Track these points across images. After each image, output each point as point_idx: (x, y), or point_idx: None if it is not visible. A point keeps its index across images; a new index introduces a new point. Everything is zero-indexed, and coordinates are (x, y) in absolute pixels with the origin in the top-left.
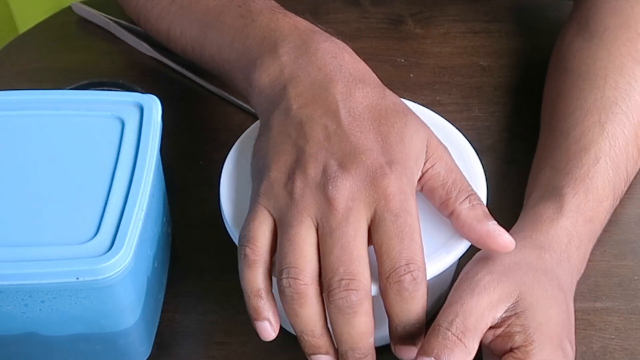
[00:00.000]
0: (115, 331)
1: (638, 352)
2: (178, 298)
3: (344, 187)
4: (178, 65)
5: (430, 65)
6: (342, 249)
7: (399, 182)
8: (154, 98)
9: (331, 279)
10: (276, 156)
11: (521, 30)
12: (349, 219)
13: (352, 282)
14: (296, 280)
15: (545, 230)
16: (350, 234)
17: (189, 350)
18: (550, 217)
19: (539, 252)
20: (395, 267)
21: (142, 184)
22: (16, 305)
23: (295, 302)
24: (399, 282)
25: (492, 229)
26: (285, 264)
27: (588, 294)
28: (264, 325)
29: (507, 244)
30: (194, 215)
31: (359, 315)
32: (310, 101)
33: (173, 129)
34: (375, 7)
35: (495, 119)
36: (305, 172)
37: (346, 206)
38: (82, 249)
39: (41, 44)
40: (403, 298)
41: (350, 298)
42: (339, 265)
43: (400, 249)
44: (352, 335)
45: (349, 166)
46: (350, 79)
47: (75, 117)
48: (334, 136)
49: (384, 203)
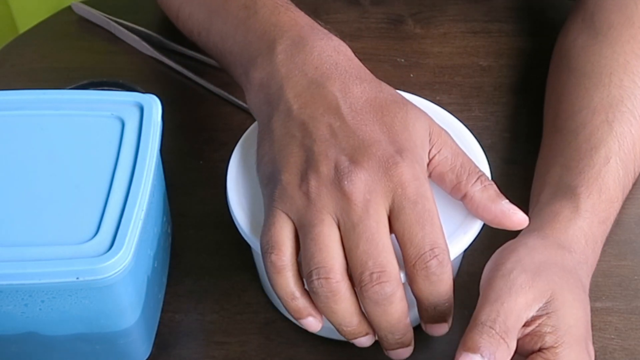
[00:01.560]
0: (115, 331)
1: (638, 352)
2: (178, 298)
3: (359, 181)
4: (178, 65)
5: (430, 65)
6: (368, 242)
7: (412, 169)
8: (154, 98)
9: (362, 274)
10: (285, 159)
11: (521, 30)
12: (369, 211)
13: (383, 274)
14: (328, 280)
15: (564, 229)
16: (373, 225)
17: (189, 350)
18: (567, 216)
19: (562, 252)
20: (421, 253)
21: (142, 184)
22: (16, 305)
23: (330, 300)
24: (426, 267)
25: (506, 208)
26: (313, 265)
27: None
28: (308, 321)
29: (522, 221)
30: (194, 215)
31: (394, 304)
32: (309, 101)
33: (173, 129)
34: (375, 7)
35: (495, 119)
36: (317, 170)
37: (364, 199)
38: (82, 249)
39: (41, 44)
40: (432, 282)
41: (384, 290)
42: (367, 258)
43: (423, 234)
44: (390, 322)
45: (361, 159)
46: (347, 75)
47: (75, 117)
48: (339, 132)
49: (400, 191)
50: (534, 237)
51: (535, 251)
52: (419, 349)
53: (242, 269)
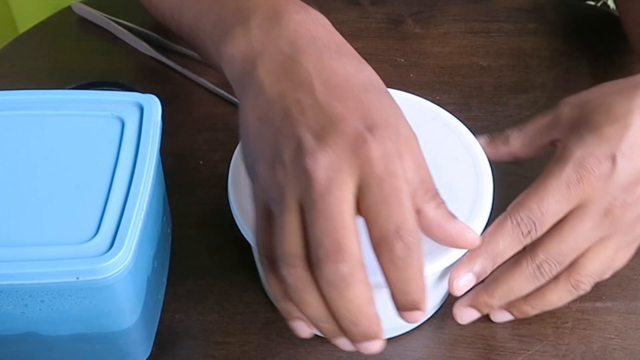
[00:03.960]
0: (115, 331)
1: (638, 351)
2: (178, 298)
3: (323, 159)
4: (178, 65)
5: (430, 65)
6: (326, 219)
7: (382, 146)
8: (154, 98)
9: (317, 252)
10: (257, 148)
11: (521, 30)
12: (330, 189)
13: (340, 252)
14: (295, 268)
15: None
16: (334, 202)
17: (189, 350)
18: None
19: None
20: (384, 234)
21: (142, 184)
22: (16, 305)
23: (299, 290)
24: (390, 250)
25: (460, 227)
26: (279, 253)
27: (588, 294)
28: (297, 325)
29: (474, 240)
30: (194, 215)
31: (353, 287)
32: (281, 77)
33: (173, 129)
34: (375, 7)
35: (495, 119)
36: (284, 154)
37: (327, 176)
38: (82, 249)
39: (41, 44)
40: (397, 267)
41: (339, 270)
42: (323, 236)
43: (388, 214)
44: (349, 308)
45: (327, 137)
46: (324, 50)
47: (75, 117)
48: (309, 109)
49: (368, 169)
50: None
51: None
52: (418, 349)
53: (242, 269)
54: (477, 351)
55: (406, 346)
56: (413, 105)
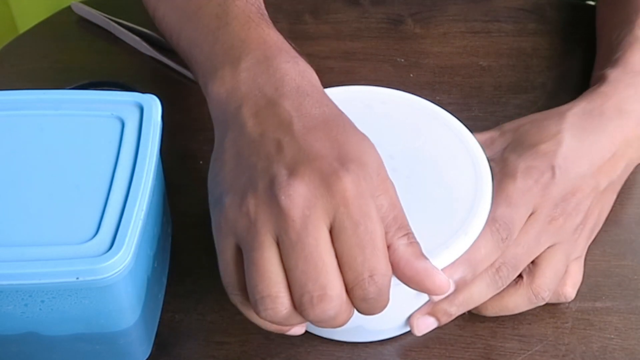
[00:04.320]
0: (115, 331)
1: (638, 352)
2: (178, 298)
3: (297, 195)
4: (178, 65)
5: (430, 65)
6: (306, 261)
7: (357, 185)
8: (154, 98)
9: (302, 296)
10: (230, 180)
11: (521, 30)
12: (307, 228)
13: (324, 297)
14: (275, 310)
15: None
16: (312, 244)
17: (189, 350)
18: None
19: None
20: (359, 279)
21: (142, 184)
22: (16, 305)
23: (284, 327)
24: (363, 293)
25: (430, 267)
26: (257, 294)
27: (588, 294)
28: (292, 332)
29: (443, 284)
30: (194, 215)
31: (339, 320)
32: (263, 119)
33: (173, 129)
34: (375, 7)
35: (495, 119)
36: (256, 188)
37: (303, 215)
38: (82, 249)
39: (41, 44)
40: (369, 305)
41: (326, 314)
42: (307, 280)
43: (363, 259)
44: (336, 327)
45: (301, 172)
46: (307, 98)
47: (75, 117)
48: (287, 147)
49: (343, 209)
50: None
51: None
52: (418, 349)
53: None
54: (477, 351)
55: (406, 346)
56: (413, 105)
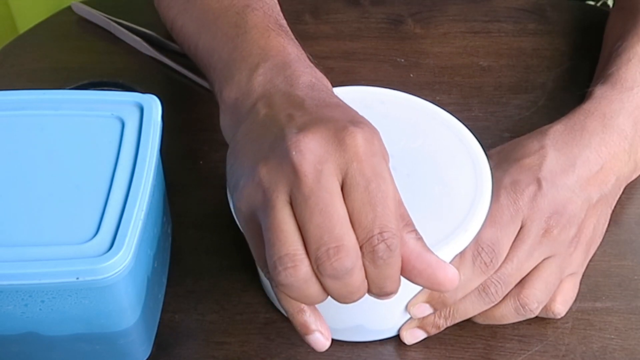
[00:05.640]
0: (115, 331)
1: (638, 352)
2: (178, 298)
3: (308, 151)
4: (178, 65)
5: (430, 65)
6: (321, 214)
7: (370, 143)
8: (154, 98)
9: (318, 250)
10: (244, 163)
11: (521, 30)
12: (320, 182)
13: (341, 248)
14: (295, 269)
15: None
16: (326, 197)
17: (189, 350)
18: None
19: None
20: (369, 236)
21: (142, 184)
22: (16, 305)
23: (303, 289)
24: (373, 252)
25: (440, 259)
26: (275, 255)
27: (588, 294)
28: (315, 337)
29: (454, 277)
30: (194, 215)
31: (355, 276)
32: (277, 105)
33: (173, 129)
34: (375, 7)
35: (495, 119)
36: (267, 156)
37: (315, 169)
38: (82, 249)
39: (41, 44)
40: (378, 266)
41: (343, 266)
42: (322, 233)
43: (374, 217)
44: (351, 290)
45: (313, 129)
46: (320, 93)
47: (75, 117)
48: (298, 118)
49: (356, 166)
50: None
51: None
52: (418, 349)
53: (242, 269)
54: (477, 351)
55: (406, 346)
56: (413, 105)
